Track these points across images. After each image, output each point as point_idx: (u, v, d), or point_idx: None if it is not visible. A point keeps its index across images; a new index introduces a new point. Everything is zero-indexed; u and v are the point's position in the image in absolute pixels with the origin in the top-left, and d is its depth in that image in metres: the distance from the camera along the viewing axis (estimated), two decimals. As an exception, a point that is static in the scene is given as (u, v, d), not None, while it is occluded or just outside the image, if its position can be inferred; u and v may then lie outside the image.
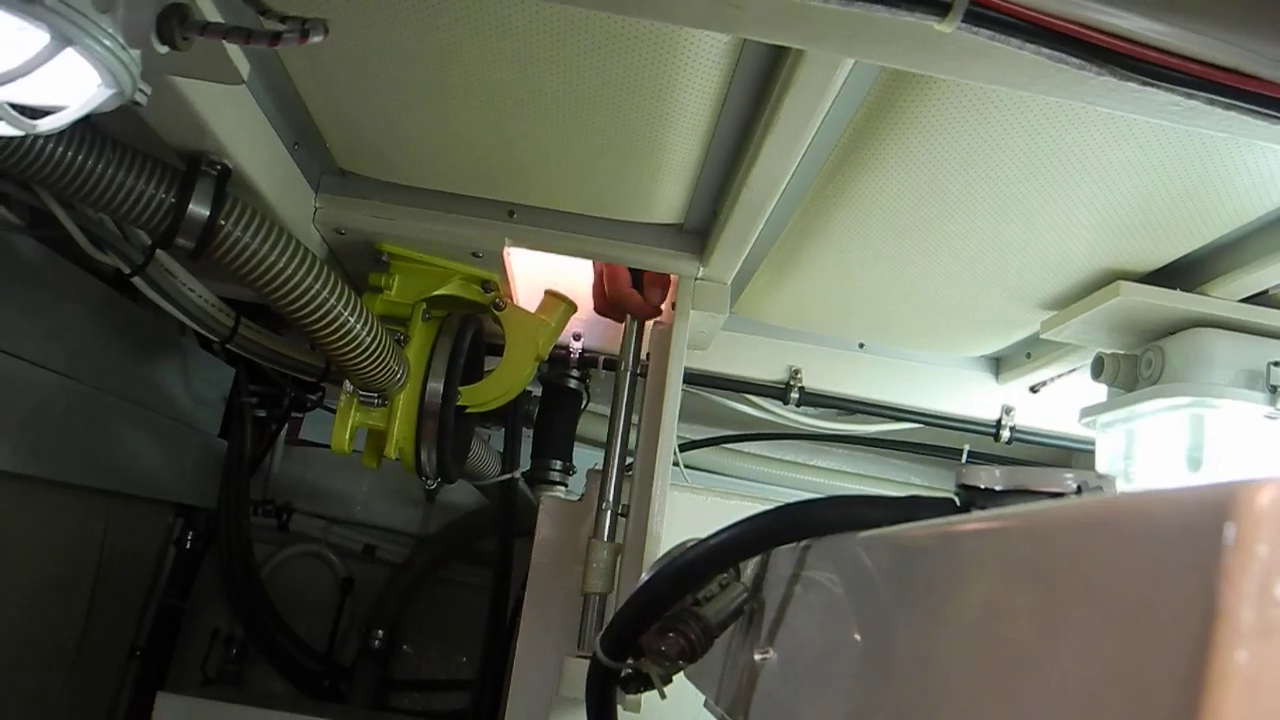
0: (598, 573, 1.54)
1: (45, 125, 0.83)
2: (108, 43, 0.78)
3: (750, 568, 0.87)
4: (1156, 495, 0.33)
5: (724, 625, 0.83)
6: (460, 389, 1.65)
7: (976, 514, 0.60)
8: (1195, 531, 0.30)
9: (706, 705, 0.95)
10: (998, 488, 0.70)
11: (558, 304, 1.72)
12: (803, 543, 0.77)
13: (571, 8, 0.98)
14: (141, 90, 0.85)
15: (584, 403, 2.24)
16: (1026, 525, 0.40)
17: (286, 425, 2.73)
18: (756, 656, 0.85)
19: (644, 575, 0.85)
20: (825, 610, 0.75)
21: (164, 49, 0.81)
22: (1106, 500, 0.37)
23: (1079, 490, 0.69)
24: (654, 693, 0.88)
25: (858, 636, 0.68)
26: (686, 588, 0.79)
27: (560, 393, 2.15)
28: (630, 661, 0.85)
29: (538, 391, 2.18)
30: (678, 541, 0.85)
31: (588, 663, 0.87)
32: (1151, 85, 0.74)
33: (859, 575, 0.69)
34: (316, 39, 0.81)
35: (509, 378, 1.72)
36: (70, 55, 0.78)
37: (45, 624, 2.03)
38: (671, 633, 0.78)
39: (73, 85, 0.82)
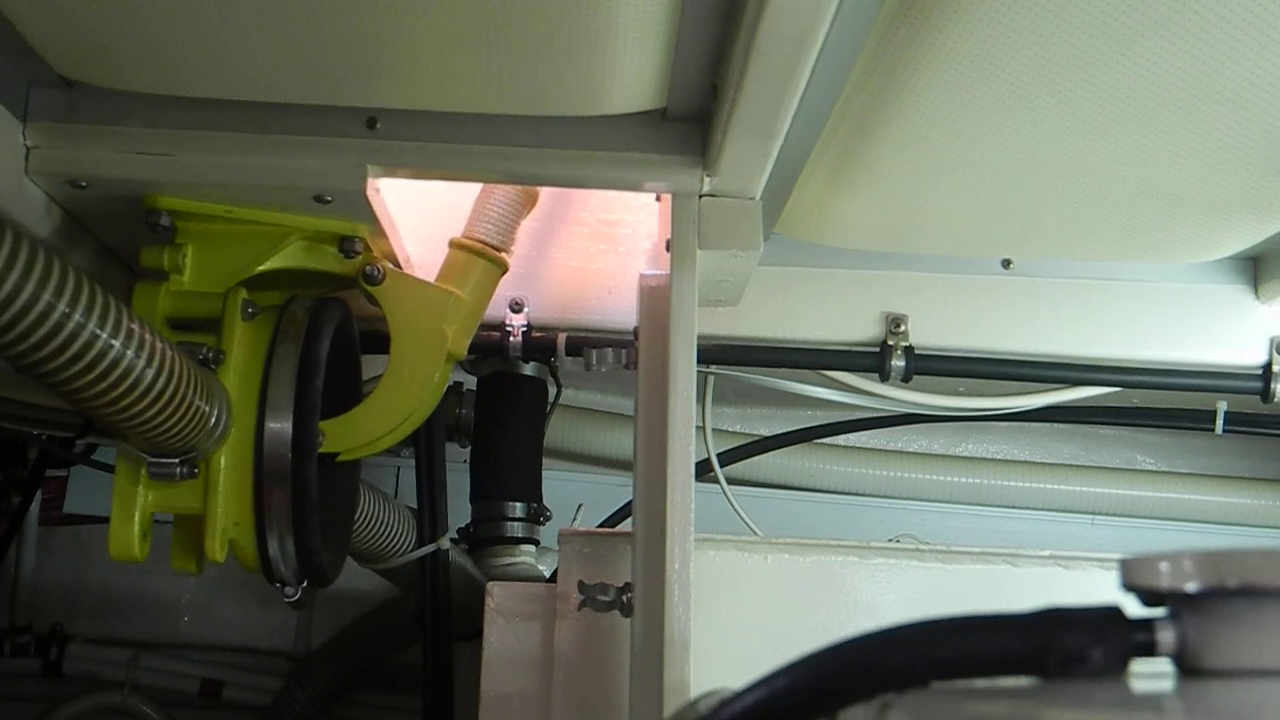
0: None
1: None
2: None
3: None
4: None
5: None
6: (324, 426, 1.67)
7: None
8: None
9: None
10: (1190, 588, 0.71)
11: (473, 261, 1.74)
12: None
13: None
14: None
15: (553, 396, 2.25)
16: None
17: (39, 494, 2.72)
18: None
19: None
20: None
21: None
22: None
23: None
24: None
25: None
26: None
27: (508, 385, 2.19)
28: None
29: (473, 383, 2.21)
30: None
31: None
32: None
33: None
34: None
35: (404, 394, 1.73)
36: None
37: None
38: None
39: None
